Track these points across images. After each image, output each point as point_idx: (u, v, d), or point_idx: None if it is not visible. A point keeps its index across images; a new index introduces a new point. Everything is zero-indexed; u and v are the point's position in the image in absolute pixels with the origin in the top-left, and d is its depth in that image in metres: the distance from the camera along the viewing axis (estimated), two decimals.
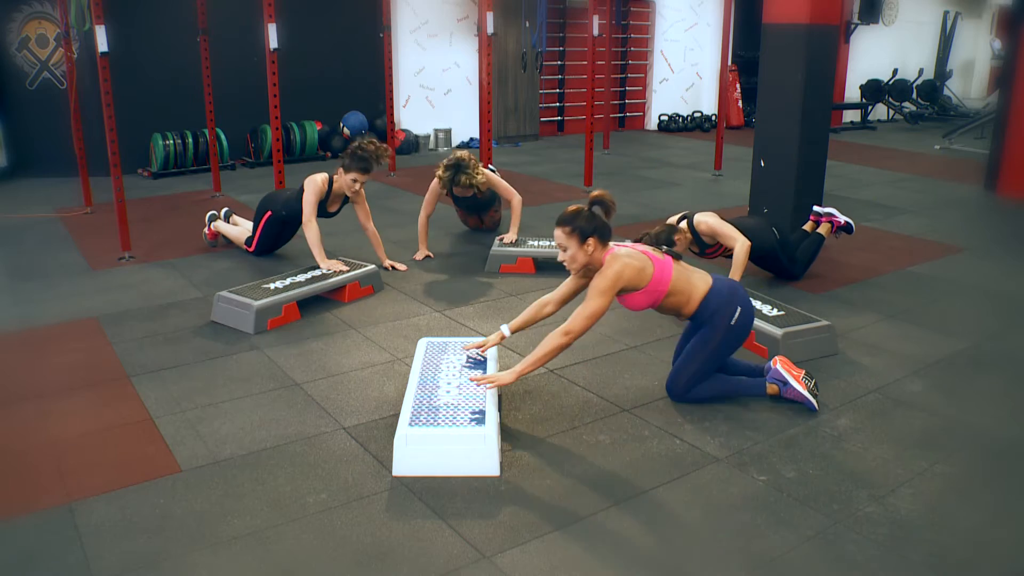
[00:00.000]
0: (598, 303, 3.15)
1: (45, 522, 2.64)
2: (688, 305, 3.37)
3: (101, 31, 5.24)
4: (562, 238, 3.20)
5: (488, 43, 7.00)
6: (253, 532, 2.59)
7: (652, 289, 3.26)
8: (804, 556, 2.50)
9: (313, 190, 5.04)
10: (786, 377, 3.44)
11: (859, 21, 14.12)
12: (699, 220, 4.74)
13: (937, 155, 10.89)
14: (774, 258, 5.03)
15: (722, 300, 3.36)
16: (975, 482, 2.94)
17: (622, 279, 3.18)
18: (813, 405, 3.40)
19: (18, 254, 5.77)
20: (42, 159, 8.42)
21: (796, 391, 3.42)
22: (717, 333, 3.38)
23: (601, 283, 3.16)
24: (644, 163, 9.98)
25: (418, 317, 4.53)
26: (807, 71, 5.82)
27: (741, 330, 3.42)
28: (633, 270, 3.20)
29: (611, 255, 3.21)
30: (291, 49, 7.86)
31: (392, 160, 9.00)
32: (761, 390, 3.49)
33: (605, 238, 3.22)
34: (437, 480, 2.88)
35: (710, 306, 3.36)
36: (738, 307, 3.38)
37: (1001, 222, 7.19)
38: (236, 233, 5.74)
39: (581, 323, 3.16)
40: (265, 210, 5.49)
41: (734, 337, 3.42)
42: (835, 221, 5.36)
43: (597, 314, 3.17)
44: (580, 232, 3.16)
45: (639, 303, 3.31)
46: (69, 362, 3.91)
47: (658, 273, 3.26)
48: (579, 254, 3.19)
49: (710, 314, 3.37)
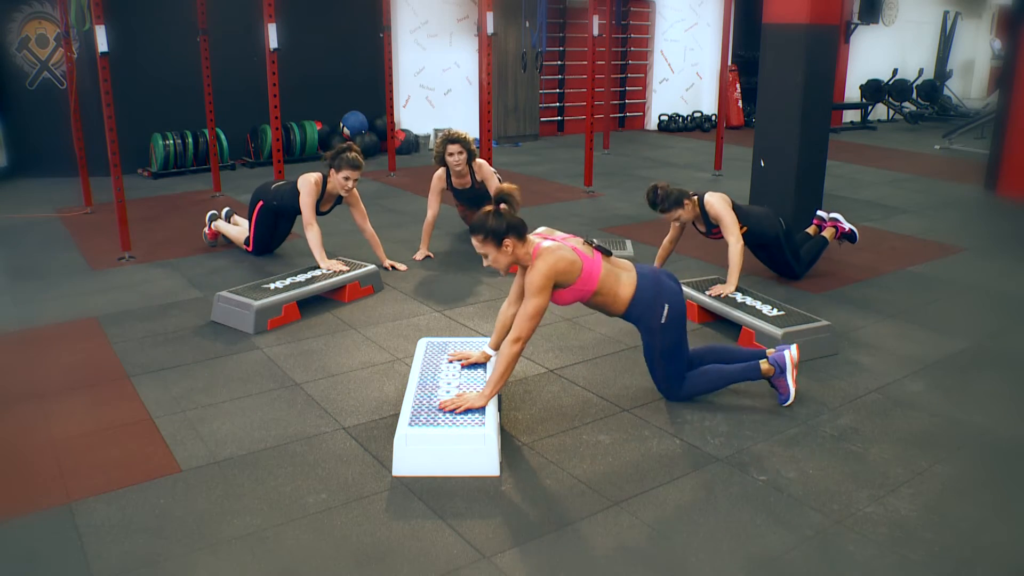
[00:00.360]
0: (537, 302, 3.07)
1: (45, 522, 2.64)
2: (615, 305, 3.31)
3: (101, 31, 5.24)
4: (479, 246, 3.14)
5: (488, 43, 7.00)
6: (253, 532, 2.59)
7: (580, 287, 3.20)
8: (804, 556, 2.50)
9: (309, 191, 5.05)
10: (787, 367, 3.43)
11: (859, 21, 14.12)
12: (709, 200, 4.65)
13: (937, 155, 10.89)
14: (777, 248, 5.00)
15: (647, 302, 3.30)
16: (975, 482, 2.94)
17: (554, 273, 3.10)
18: (786, 400, 3.44)
19: (18, 254, 5.77)
20: (42, 159, 8.42)
21: (786, 384, 3.44)
22: (654, 336, 3.35)
23: (535, 280, 3.07)
24: (644, 163, 9.99)
25: (418, 317, 4.53)
26: (807, 71, 5.82)
27: (675, 322, 3.34)
28: (565, 263, 3.12)
29: (541, 250, 3.13)
30: (291, 49, 7.86)
31: (392, 160, 9.00)
32: (755, 372, 3.46)
33: (521, 233, 3.14)
34: (437, 480, 2.88)
35: (636, 309, 3.31)
36: (664, 304, 3.30)
37: (1001, 222, 7.19)
38: (236, 233, 5.75)
39: (526, 325, 3.08)
40: (257, 200, 5.49)
41: (673, 330, 3.35)
42: (840, 227, 5.35)
43: (539, 312, 3.08)
44: (493, 235, 3.09)
45: (565, 298, 3.24)
46: (69, 362, 3.91)
47: (587, 270, 3.19)
48: (500, 257, 3.14)
49: (636, 318, 3.33)
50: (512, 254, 3.14)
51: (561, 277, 3.13)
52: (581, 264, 3.18)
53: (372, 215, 6.61)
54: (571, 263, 3.14)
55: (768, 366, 3.46)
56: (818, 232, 5.37)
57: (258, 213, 5.49)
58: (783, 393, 3.46)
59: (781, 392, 3.47)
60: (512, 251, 3.13)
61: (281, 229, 5.64)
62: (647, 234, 6.23)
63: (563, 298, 3.23)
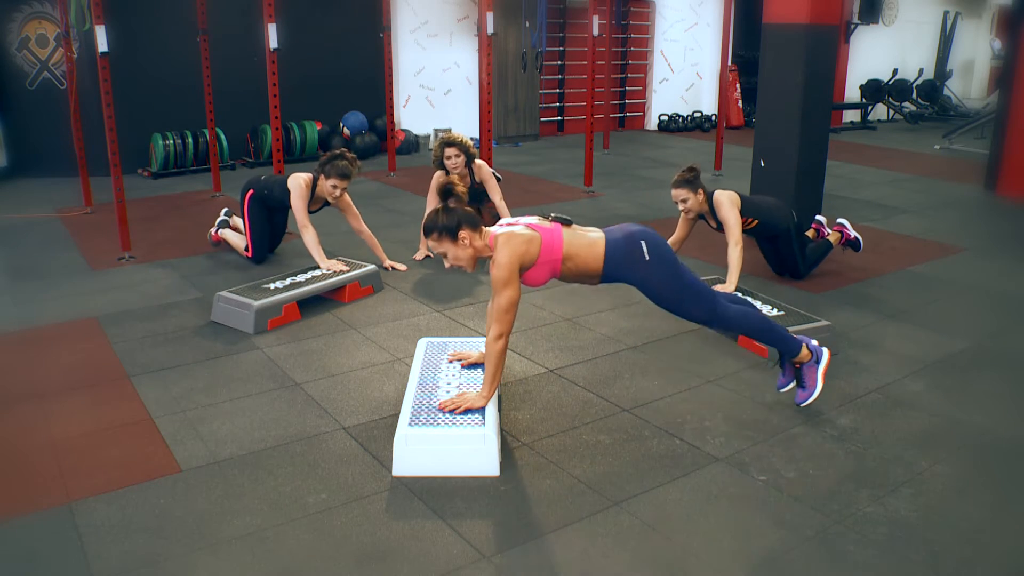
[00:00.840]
0: (507, 294, 2.97)
1: (45, 522, 2.64)
2: (590, 266, 3.11)
3: (101, 31, 5.24)
4: (436, 246, 3.09)
5: (488, 43, 7.00)
6: (253, 532, 2.59)
7: (546, 259, 3.05)
8: (804, 556, 2.50)
9: (300, 195, 5.05)
10: (823, 360, 3.33)
11: (859, 21, 14.12)
12: (718, 198, 4.58)
13: (937, 155, 10.89)
14: (787, 241, 4.95)
15: (620, 249, 3.11)
16: (975, 482, 2.94)
17: (516, 258, 2.98)
18: (809, 396, 3.32)
19: (18, 254, 5.77)
20: (42, 159, 8.42)
21: (816, 376, 3.31)
22: (648, 279, 3.14)
23: (499, 274, 2.98)
24: (644, 163, 9.99)
25: (418, 317, 4.53)
26: (807, 71, 5.82)
27: (661, 255, 3.13)
28: (522, 244, 3.00)
29: (497, 240, 3.03)
30: (291, 49, 7.86)
31: (392, 160, 9.00)
32: (796, 346, 3.30)
33: (474, 224, 3.06)
34: (437, 480, 2.88)
35: (613, 262, 3.11)
36: (640, 242, 3.11)
37: (1001, 222, 7.19)
38: (236, 240, 5.72)
39: (504, 318, 2.98)
40: (247, 190, 5.43)
41: (664, 264, 3.13)
42: (845, 233, 5.31)
43: (512, 303, 2.98)
44: (447, 231, 3.03)
45: (538, 277, 3.09)
46: (69, 362, 3.91)
47: (547, 242, 3.05)
48: (460, 252, 3.06)
49: (618, 268, 3.13)
50: (470, 246, 3.06)
51: (525, 259, 3.02)
52: (539, 237, 3.05)
53: (372, 215, 6.63)
54: (528, 240, 3.02)
55: (807, 351, 3.33)
56: (817, 236, 5.37)
57: (248, 202, 5.40)
58: (809, 386, 3.31)
59: (807, 384, 3.32)
60: (470, 243, 3.05)
61: (277, 224, 5.57)
62: None
63: (536, 278, 3.09)
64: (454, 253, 3.07)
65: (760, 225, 4.75)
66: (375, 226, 5.45)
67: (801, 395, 3.36)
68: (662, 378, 3.74)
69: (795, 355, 3.32)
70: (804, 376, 3.35)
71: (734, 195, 4.64)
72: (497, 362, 3.05)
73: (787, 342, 3.31)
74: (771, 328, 3.30)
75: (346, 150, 5.17)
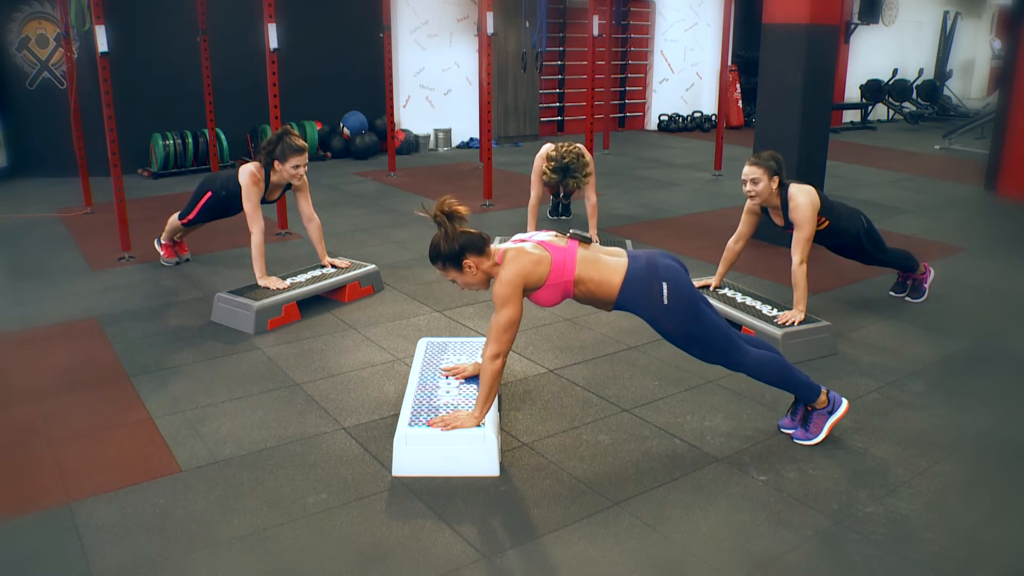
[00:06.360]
0: (507, 313, 2.83)
1: (45, 522, 2.64)
2: (604, 293, 2.94)
3: (101, 31, 5.24)
4: (443, 274, 2.97)
5: (488, 43, 7.00)
6: (253, 532, 2.59)
7: (557, 281, 2.89)
8: (804, 556, 2.50)
9: (251, 193, 4.60)
10: (838, 411, 3.18)
11: (859, 21, 14.13)
12: (796, 195, 4.11)
13: (937, 155, 10.89)
14: (856, 243, 4.56)
15: (640, 285, 2.91)
16: (975, 482, 2.94)
17: (519, 278, 2.85)
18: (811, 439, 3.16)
19: (18, 254, 5.77)
20: (42, 159, 8.42)
21: (824, 424, 3.16)
22: (661, 321, 2.96)
23: (500, 292, 2.84)
24: (644, 163, 9.98)
25: (418, 317, 4.53)
26: (807, 71, 5.82)
27: (682, 300, 2.93)
28: (529, 263, 2.86)
29: (504, 257, 2.89)
30: (291, 49, 7.86)
31: (392, 160, 9.00)
32: (814, 393, 3.15)
33: (479, 247, 2.89)
34: (437, 480, 2.88)
35: (628, 295, 2.93)
36: (661, 283, 2.90)
37: (1001, 222, 7.19)
38: (169, 222, 5.41)
39: (502, 338, 2.86)
40: (205, 191, 5.11)
41: (683, 311, 2.93)
42: (927, 277, 4.92)
43: (512, 323, 2.85)
44: (451, 260, 2.89)
45: (550, 298, 2.95)
46: (69, 362, 3.91)
47: (558, 263, 2.89)
48: (468, 279, 2.93)
49: (632, 303, 2.95)
50: (478, 271, 2.91)
51: (531, 278, 2.87)
52: (550, 257, 2.89)
53: (372, 215, 6.63)
54: (536, 260, 2.87)
55: (825, 398, 3.17)
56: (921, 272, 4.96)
57: (206, 202, 5.10)
58: (812, 432, 3.16)
59: (811, 429, 3.17)
60: (476, 268, 2.90)
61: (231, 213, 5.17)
62: (648, 235, 6.23)
63: (547, 299, 2.96)
64: (463, 280, 2.95)
65: (829, 227, 4.35)
66: (375, 226, 5.44)
67: (800, 434, 3.20)
68: (662, 378, 3.74)
69: (812, 402, 3.18)
70: (811, 420, 3.19)
71: (814, 194, 4.16)
72: (492, 383, 2.92)
73: (807, 389, 3.15)
74: (792, 377, 3.14)
75: (289, 127, 4.77)
